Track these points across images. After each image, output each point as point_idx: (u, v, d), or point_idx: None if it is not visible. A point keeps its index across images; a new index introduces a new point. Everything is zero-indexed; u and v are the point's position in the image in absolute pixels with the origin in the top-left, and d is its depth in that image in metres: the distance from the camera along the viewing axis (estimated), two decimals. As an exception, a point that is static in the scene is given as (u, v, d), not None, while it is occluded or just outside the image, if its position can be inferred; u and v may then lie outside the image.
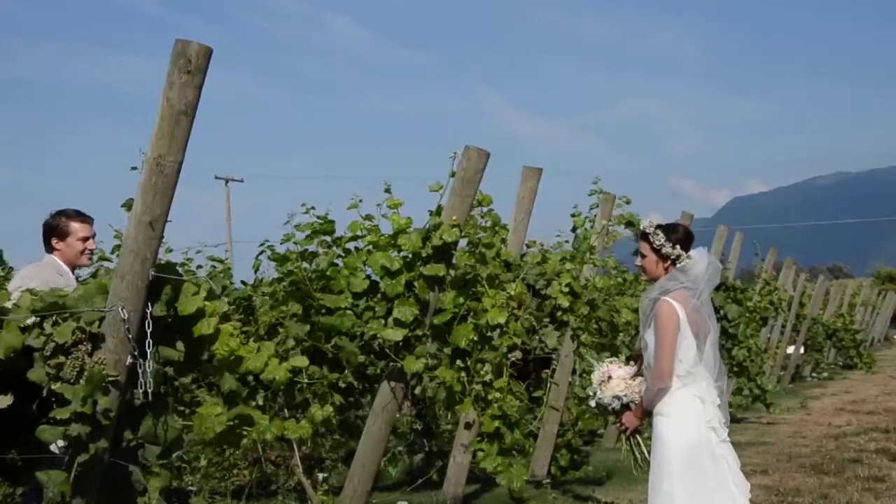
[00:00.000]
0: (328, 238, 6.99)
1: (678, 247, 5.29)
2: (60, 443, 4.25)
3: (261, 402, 6.75)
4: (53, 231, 5.79)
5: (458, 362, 6.67)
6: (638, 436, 5.58)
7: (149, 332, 4.14)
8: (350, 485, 6.59)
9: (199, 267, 9.85)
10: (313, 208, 7.04)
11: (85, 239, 5.82)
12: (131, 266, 4.06)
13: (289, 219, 7.03)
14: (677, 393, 5.19)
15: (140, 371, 4.14)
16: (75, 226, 5.80)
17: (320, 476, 8.45)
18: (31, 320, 4.06)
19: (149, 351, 4.14)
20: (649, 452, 5.39)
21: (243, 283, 8.39)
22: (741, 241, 15.81)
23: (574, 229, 9.24)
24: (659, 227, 5.35)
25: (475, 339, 6.63)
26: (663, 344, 5.15)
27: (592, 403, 5.65)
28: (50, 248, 5.80)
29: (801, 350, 23.32)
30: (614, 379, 5.49)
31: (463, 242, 6.81)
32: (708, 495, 5.11)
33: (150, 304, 4.16)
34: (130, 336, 4.08)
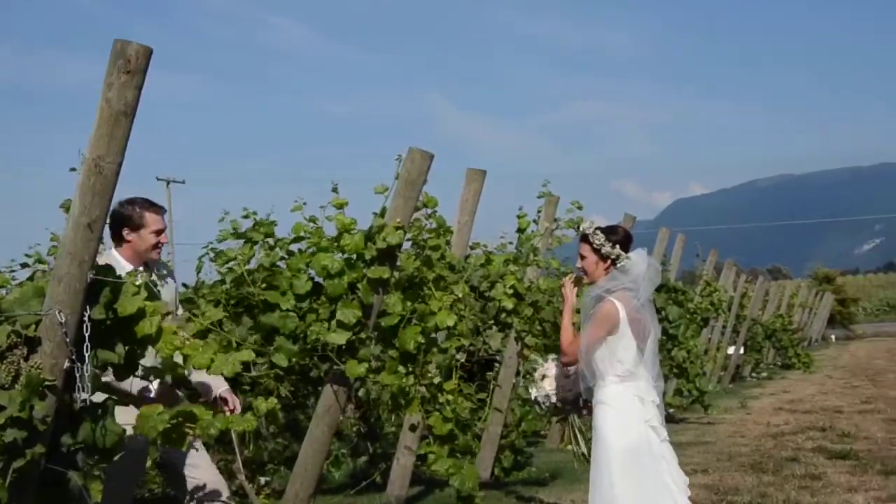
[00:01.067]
0: (270, 240, 6.94)
1: (617, 247, 5.37)
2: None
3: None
4: (126, 221, 5.33)
5: (404, 366, 6.65)
6: (579, 433, 5.66)
7: (87, 335, 4.09)
8: (292, 488, 6.55)
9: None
10: (255, 213, 7.00)
11: (158, 232, 5.38)
12: (69, 269, 4.01)
13: (223, 216, 6.94)
14: (619, 394, 5.25)
15: (78, 375, 4.09)
16: (150, 217, 5.37)
17: (262, 480, 8.39)
18: None
19: (87, 355, 4.09)
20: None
21: (185, 285, 8.30)
22: (683, 242, 15.99)
23: (520, 231, 9.27)
24: (599, 228, 5.43)
25: (422, 341, 6.64)
26: (589, 332, 5.23)
27: (532, 399, 5.77)
28: (120, 240, 5.36)
29: (742, 350, 23.66)
30: (548, 378, 5.59)
31: (407, 244, 6.81)
32: (649, 495, 5.17)
33: (88, 306, 4.11)
34: (68, 340, 4.02)
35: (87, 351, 4.08)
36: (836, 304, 50.08)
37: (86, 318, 4.08)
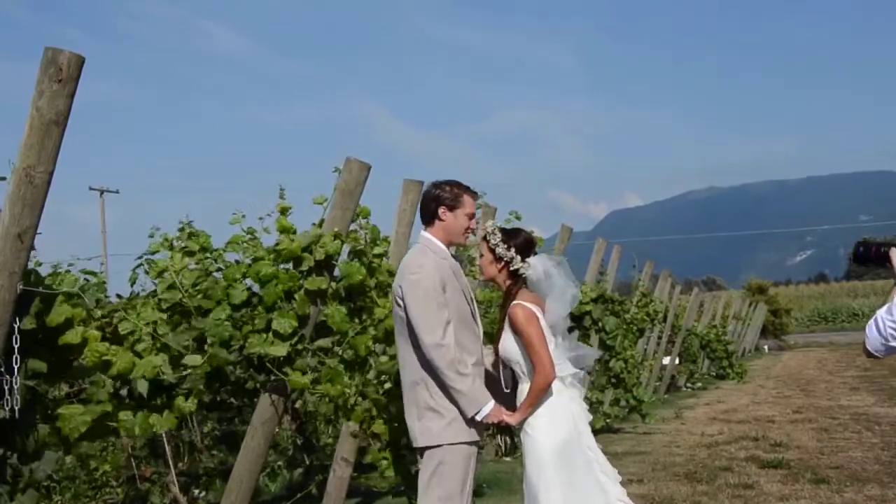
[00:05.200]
0: (207, 252, 6.86)
1: (513, 250, 5.39)
2: None
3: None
4: (443, 201, 5.24)
5: (350, 373, 6.61)
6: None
7: (16, 347, 4.00)
8: (227, 501, 6.48)
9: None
10: (191, 223, 6.90)
11: (471, 216, 5.31)
12: (-2, 279, 3.93)
13: (153, 232, 6.79)
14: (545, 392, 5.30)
15: (6, 388, 4.01)
16: (467, 199, 5.28)
17: (197, 493, 8.29)
18: None
19: (16, 367, 4.01)
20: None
21: (118, 296, 8.16)
22: (619, 253, 16.12)
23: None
24: (500, 229, 5.47)
25: (373, 347, 6.61)
26: (532, 342, 5.21)
27: None
28: (432, 220, 5.27)
29: (677, 361, 23.90)
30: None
31: (345, 255, 6.78)
32: (583, 490, 5.19)
33: (17, 318, 4.03)
34: (-4, 352, 3.94)
35: (16, 363, 4.00)
36: (769, 314, 50.88)
37: (15, 330, 4.00)
